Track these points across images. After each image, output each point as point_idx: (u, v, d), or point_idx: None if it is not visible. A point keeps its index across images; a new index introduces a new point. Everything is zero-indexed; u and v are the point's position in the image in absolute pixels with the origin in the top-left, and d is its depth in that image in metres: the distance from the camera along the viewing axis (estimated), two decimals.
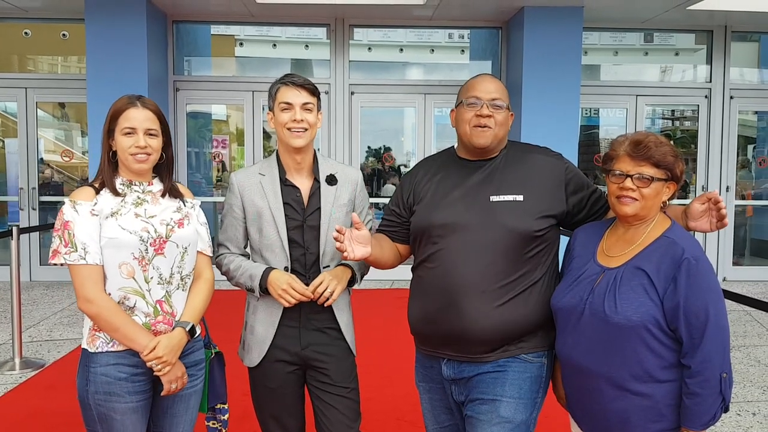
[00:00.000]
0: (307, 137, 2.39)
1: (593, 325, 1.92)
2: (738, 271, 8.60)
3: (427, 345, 2.24)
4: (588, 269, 2.02)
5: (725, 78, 8.42)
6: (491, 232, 2.07)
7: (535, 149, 2.28)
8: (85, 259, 2.06)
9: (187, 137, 8.28)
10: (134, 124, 2.14)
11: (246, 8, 7.55)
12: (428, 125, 8.36)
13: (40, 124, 8.33)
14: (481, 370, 2.12)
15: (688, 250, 1.86)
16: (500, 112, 2.15)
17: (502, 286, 2.06)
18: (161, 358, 2.09)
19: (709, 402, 1.82)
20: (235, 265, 2.42)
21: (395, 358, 4.76)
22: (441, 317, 2.11)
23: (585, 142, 8.62)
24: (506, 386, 2.09)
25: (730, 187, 8.47)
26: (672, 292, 1.83)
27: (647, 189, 1.92)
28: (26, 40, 8.51)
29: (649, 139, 1.94)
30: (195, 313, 2.25)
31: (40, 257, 8.20)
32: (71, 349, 5.30)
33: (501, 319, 2.06)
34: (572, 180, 2.19)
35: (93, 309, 2.07)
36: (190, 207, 2.32)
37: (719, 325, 1.82)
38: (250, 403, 2.54)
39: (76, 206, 2.09)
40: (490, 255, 2.07)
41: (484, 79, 2.21)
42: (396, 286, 7.57)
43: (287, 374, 2.43)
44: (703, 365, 1.81)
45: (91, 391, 2.10)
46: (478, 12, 7.80)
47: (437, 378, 2.24)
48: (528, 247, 2.09)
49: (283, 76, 2.41)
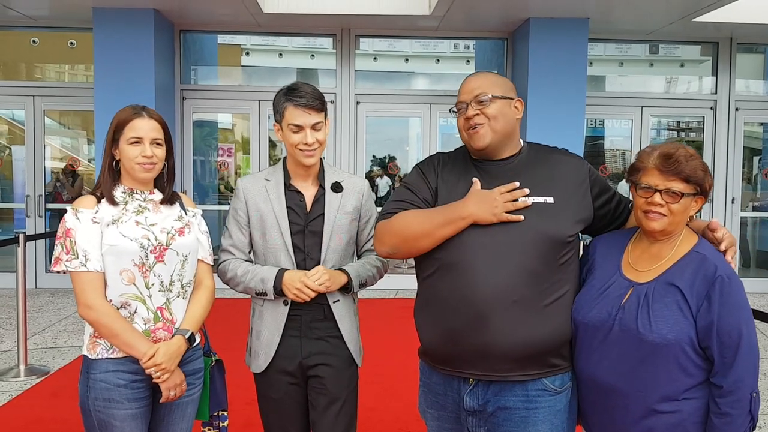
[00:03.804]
0: (318, 154, 2.41)
1: (623, 343, 1.84)
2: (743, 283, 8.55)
3: (448, 365, 2.00)
4: (614, 283, 1.93)
5: (731, 90, 8.41)
6: (522, 236, 1.90)
7: (555, 150, 2.12)
8: (85, 266, 2.09)
9: (193, 146, 8.31)
10: (141, 134, 2.16)
11: (253, 18, 7.59)
12: (433, 135, 8.37)
13: (47, 132, 8.37)
14: (509, 404, 1.94)
15: (721, 268, 1.80)
16: (488, 105, 1.98)
17: (536, 295, 1.89)
18: (160, 365, 2.10)
19: (738, 422, 1.77)
20: (243, 270, 2.41)
21: (398, 369, 4.75)
22: (467, 335, 1.91)
23: (590, 153, 8.62)
24: (538, 425, 1.94)
25: (735, 199, 8.45)
26: (706, 310, 1.77)
27: (676, 205, 1.84)
28: (34, 48, 8.56)
29: (680, 152, 1.84)
30: (194, 321, 2.26)
31: (45, 264, 8.23)
32: (76, 356, 5.30)
33: (533, 331, 1.89)
34: (596, 182, 2.06)
35: (93, 315, 2.10)
36: (191, 216, 2.35)
37: (751, 344, 1.77)
38: (252, 411, 2.55)
39: (78, 214, 2.12)
40: (523, 260, 1.88)
41: (467, 80, 2.07)
42: (401, 295, 7.56)
43: (289, 385, 2.43)
44: (735, 385, 1.75)
45: (91, 398, 2.12)
46: (484, 23, 7.82)
47: (451, 407, 2.04)
48: (560, 252, 1.93)
49: (288, 90, 2.37)
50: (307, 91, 2.34)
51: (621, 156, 8.94)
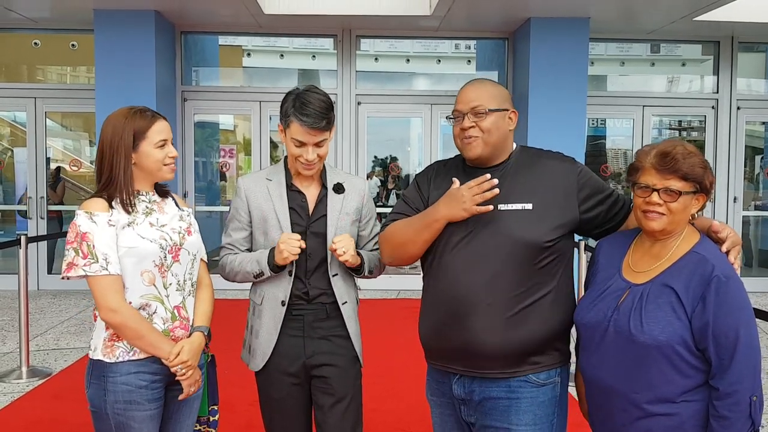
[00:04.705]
0: (318, 167, 2.42)
1: (617, 344, 1.84)
2: (745, 282, 8.49)
3: (437, 359, 2.16)
4: (613, 284, 1.93)
5: (732, 89, 8.41)
6: (498, 242, 1.99)
7: (547, 154, 2.17)
8: (107, 270, 2.08)
9: (194, 147, 8.32)
10: (165, 136, 2.21)
11: (254, 19, 7.60)
12: (434, 135, 8.38)
13: (49, 134, 8.38)
14: (492, 394, 2.04)
15: (719, 268, 1.77)
16: (483, 118, 2.04)
17: (511, 298, 1.98)
18: (186, 363, 2.16)
19: (737, 426, 1.73)
20: (240, 259, 2.42)
21: (401, 370, 4.76)
22: (448, 330, 2.04)
23: (592, 152, 8.62)
24: (520, 414, 2.02)
25: (737, 198, 8.45)
26: (701, 311, 1.75)
27: (675, 203, 1.81)
28: (36, 50, 8.58)
29: (677, 150, 1.82)
30: (207, 317, 2.32)
31: (47, 266, 8.24)
32: (78, 358, 5.31)
33: (510, 333, 1.97)
34: (586, 184, 2.08)
35: (118, 318, 2.09)
36: (187, 215, 2.37)
37: (750, 346, 1.73)
38: (254, 412, 2.55)
39: (94, 217, 2.10)
40: (497, 266, 1.98)
41: (465, 89, 2.12)
42: (402, 296, 7.56)
43: (292, 385, 2.44)
44: (732, 387, 1.72)
45: (109, 401, 2.11)
46: (485, 23, 7.83)
47: (448, 393, 2.15)
48: (537, 258, 1.99)
49: (298, 101, 2.32)
50: (315, 109, 2.29)
51: (623, 155, 8.94)
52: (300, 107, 2.29)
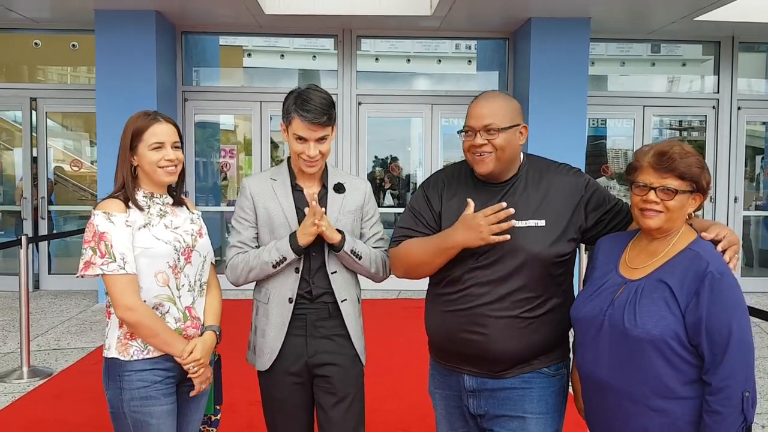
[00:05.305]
0: (321, 164, 2.43)
1: (612, 338, 1.88)
2: (746, 282, 8.54)
3: (445, 360, 2.23)
4: (609, 280, 1.98)
5: (733, 89, 8.40)
6: (516, 258, 2.05)
7: (553, 168, 2.21)
8: (124, 269, 2.12)
9: (195, 147, 8.32)
10: (162, 139, 2.23)
11: (254, 19, 7.60)
12: (435, 135, 8.38)
13: (49, 134, 8.38)
14: (506, 385, 2.12)
15: (713, 264, 1.80)
16: (496, 136, 2.07)
17: (528, 310, 2.07)
18: (199, 360, 2.22)
19: (729, 421, 1.75)
20: (254, 253, 2.42)
21: (401, 370, 4.76)
22: (463, 338, 2.11)
23: (592, 152, 8.61)
24: (534, 403, 2.11)
25: (738, 198, 8.44)
26: (694, 306, 1.78)
27: (671, 202, 1.86)
28: (36, 50, 8.58)
29: (674, 149, 1.86)
30: (217, 317, 2.39)
31: (48, 266, 8.24)
32: (79, 357, 5.32)
33: (525, 339, 2.07)
34: (592, 196, 2.16)
35: (134, 317, 2.13)
36: (197, 218, 2.43)
37: (743, 342, 1.76)
38: (255, 412, 2.56)
39: (112, 218, 2.15)
40: (517, 281, 2.06)
41: (478, 103, 2.13)
42: (403, 296, 7.57)
43: (294, 385, 2.45)
44: (724, 383, 1.75)
45: (126, 399, 2.16)
46: (485, 23, 7.83)
47: (455, 386, 2.22)
48: (552, 271, 2.09)
49: (299, 98, 2.35)
50: (316, 105, 2.32)
51: (623, 155, 8.94)
52: (301, 103, 2.33)
